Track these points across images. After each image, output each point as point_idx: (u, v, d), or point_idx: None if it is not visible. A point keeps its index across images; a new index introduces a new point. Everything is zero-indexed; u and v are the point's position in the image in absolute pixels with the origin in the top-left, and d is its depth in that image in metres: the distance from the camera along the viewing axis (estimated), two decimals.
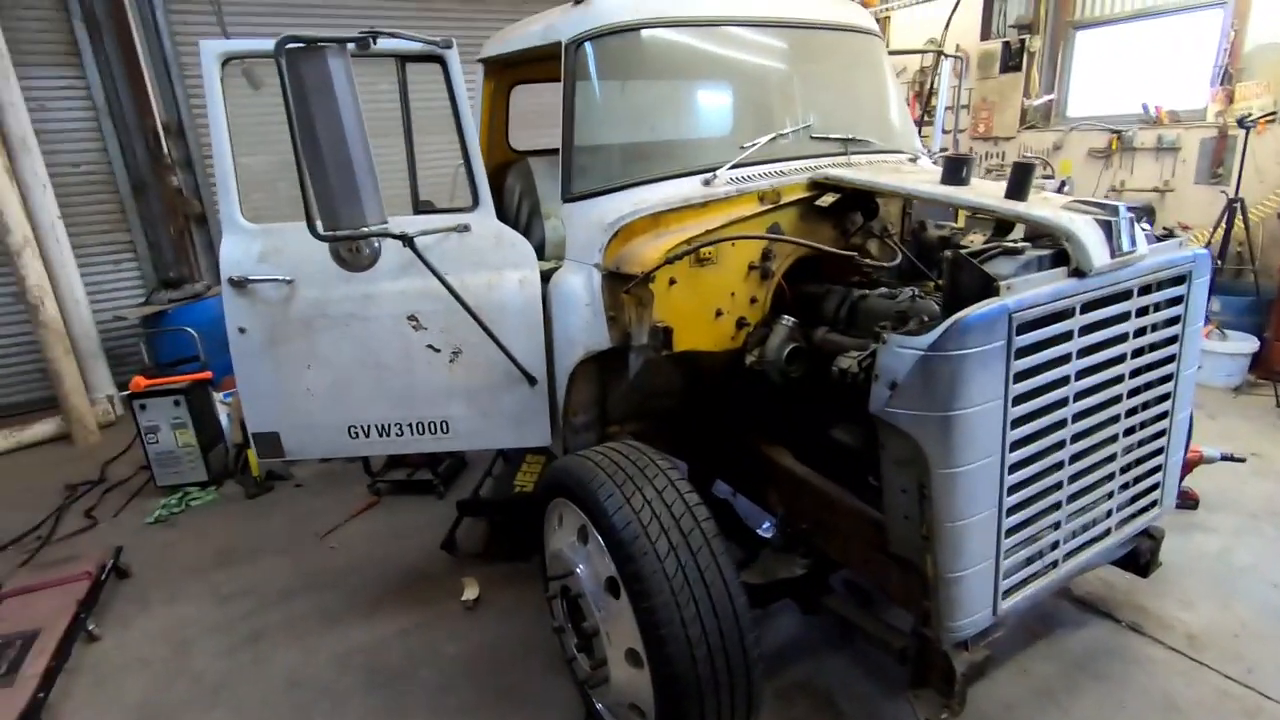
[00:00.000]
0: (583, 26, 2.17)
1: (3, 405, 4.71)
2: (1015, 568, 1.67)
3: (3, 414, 4.64)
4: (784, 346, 1.96)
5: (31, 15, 4.46)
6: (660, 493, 1.63)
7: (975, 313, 1.41)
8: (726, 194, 2.10)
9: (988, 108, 5.89)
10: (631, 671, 1.63)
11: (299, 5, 5.21)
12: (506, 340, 2.14)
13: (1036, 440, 1.60)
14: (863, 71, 2.65)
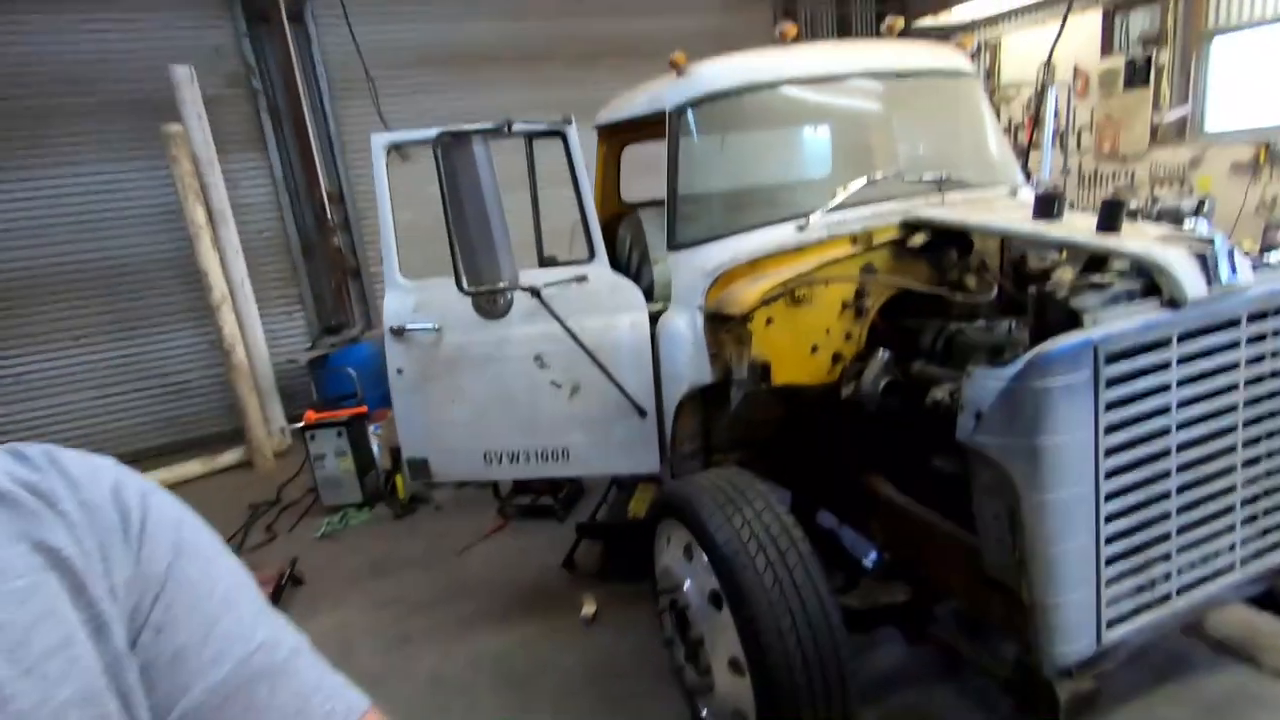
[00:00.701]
0: (683, 96, 2.43)
1: (201, 437, 5.54)
2: (1120, 597, 1.66)
3: (201, 444, 5.45)
4: (879, 379, 2.07)
5: (230, 111, 5.37)
6: (759, 514, 1.78)
7: (1057, 346, 1.48)
8: (819, 238, 2.25)
9: (1112, 126, 5.61)
10: (734, 679, 1.77)
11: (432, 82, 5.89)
12: (620, 376, 2.38)
13: (1136, 469, 1.61)
14: (956, 111, 2.73)
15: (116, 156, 5.19)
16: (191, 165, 4.67)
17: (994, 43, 6.54)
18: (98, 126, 5.12)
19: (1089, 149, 5.87)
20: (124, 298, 5.36)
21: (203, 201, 4.74)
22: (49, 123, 5.00)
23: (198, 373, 5.60)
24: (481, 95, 6.01)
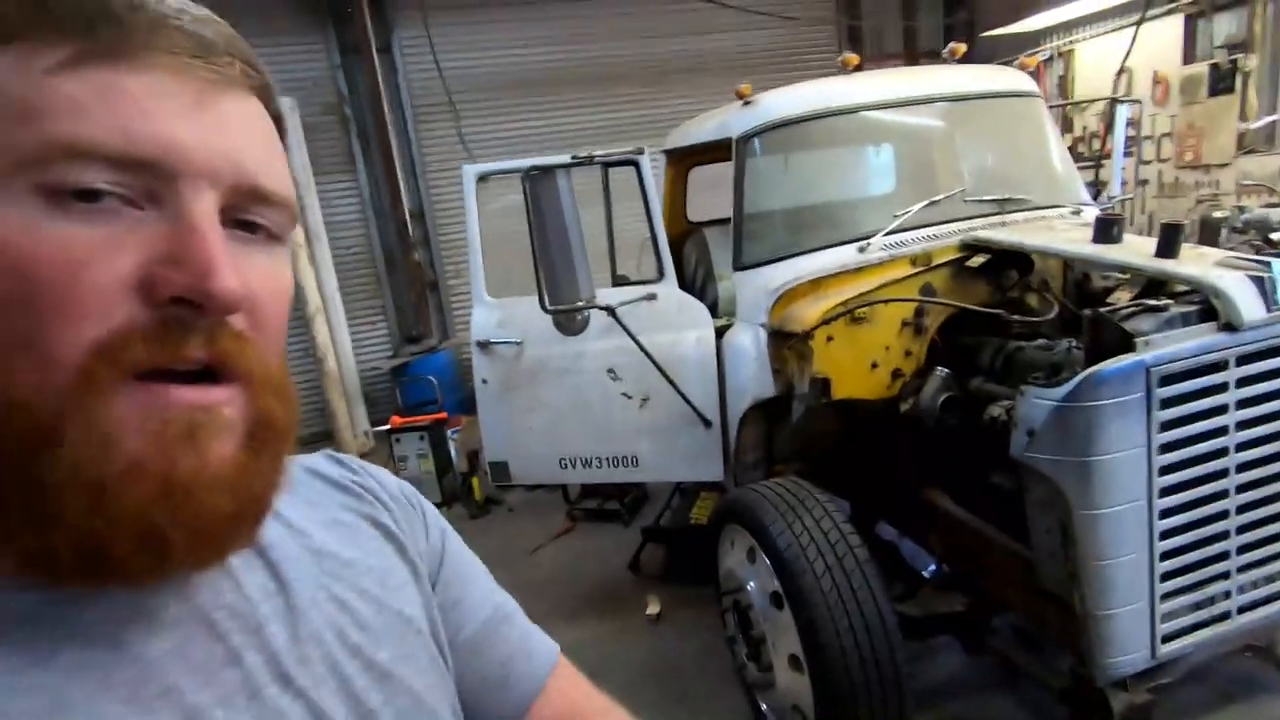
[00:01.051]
0: (750, 124, 2.57)
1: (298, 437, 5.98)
2: (1177, 612, 1.70)
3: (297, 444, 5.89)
4: (938, 395, 2.15)
5: (325, 137, 5.81)
6: (818, 521, 1.90)
7: (1109, 367, 1.55)
8: (879, 259, 2.35)
9: (1195, 134, 5.43)
10: (794, 675, 1.90)
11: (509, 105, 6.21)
12: (686, 389, 2.54)
13: (1193, 488, 1.65)
14: (1018, 131, 2.78)
15: None
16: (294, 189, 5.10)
17: (1067, 51, 6.41)
18: None
19: (1169, 157, 5.69)
20: None
21: (302, 221, 5.16)
22: None
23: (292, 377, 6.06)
24: (555, 116, 6.31)
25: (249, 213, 0.37)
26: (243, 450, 0.36)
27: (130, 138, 0.32)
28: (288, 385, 0.41)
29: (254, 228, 0.38)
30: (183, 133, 0.33)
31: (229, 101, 0.36)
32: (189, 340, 0.34)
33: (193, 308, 0.33)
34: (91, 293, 0.32)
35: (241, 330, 0.36)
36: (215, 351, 0.35)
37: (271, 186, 0.38)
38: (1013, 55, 6.90)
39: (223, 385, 0.36)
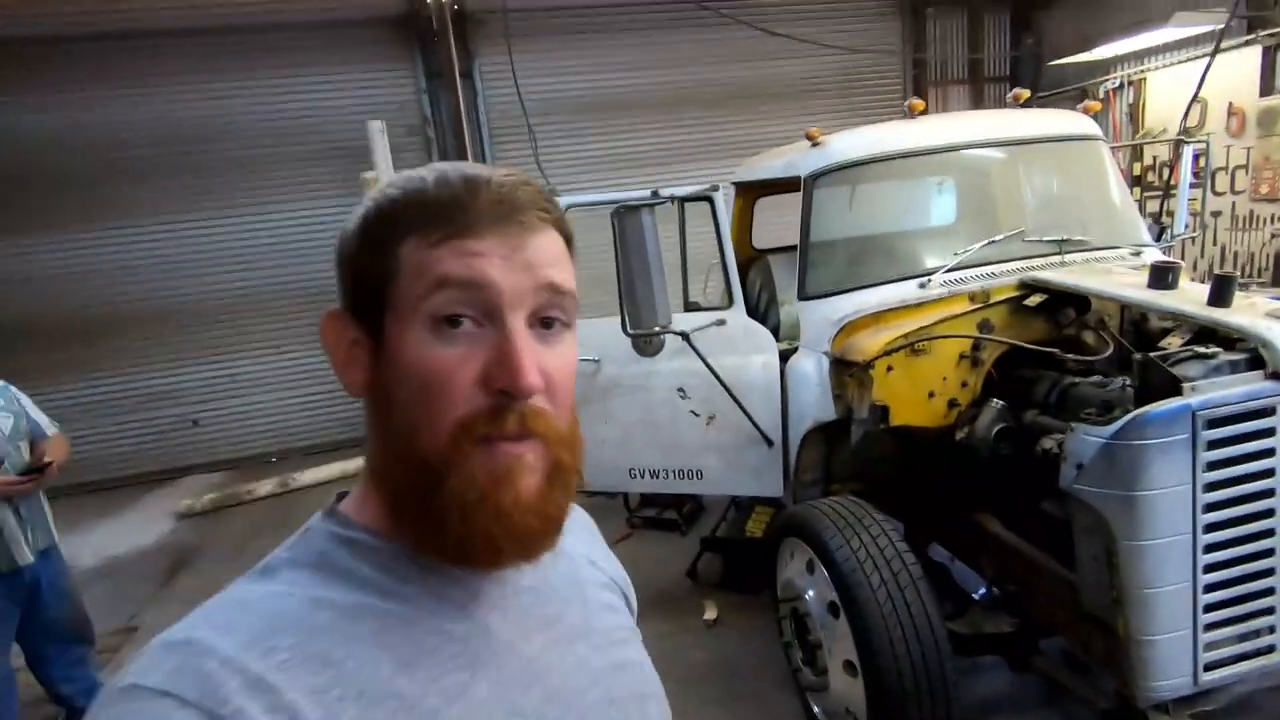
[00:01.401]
0: (820, 164, 2.75)
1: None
2: (1221, 642, 1.80)
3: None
4: (992, 426, 2.28)
5: (409, 157, 6.18)
6: (875, 538, 2.07)
7: (1156, 409, 1.68)
8: (939, 295, 2.50)
9: (1271, 167, 5.33)
10: (848, 680, 2.06)
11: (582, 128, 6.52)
12: (751, 409, 2.72)
13: (1239, 525, 1.76)
14: (1080, 174, 2.88)
15: (317, 196, 6.13)
16: None
17: (1139, 79, 6.36)
18: (305, 171, 6.09)
19: (1244, 190, 5.59)
20: (313, 315, 6.29)
21: None
22: (264, 169, 6.01)
23: None
24: (625, 139, 6.59)
25: (549, 311, 0.54)
26: (543, 483, 0.52)
27: (469, 271, 0.50)
28: (576, 439, 0.56)
29: (552, 322, 0.54)
30: (499, 272, 0.51)
31: (534, 238, 0.53)
32: (509, 416, 0.51)
33: (511, 395, 0.51)
34: (458, 389, 0.50)
35: (541, 407, 0.52)
36: (524, 424, 0.51)
37: (563, 284, 0.54)
38: (1081, 82, 6.88)
39: (529, 441, 0.52)
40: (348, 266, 0.55)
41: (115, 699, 0.44)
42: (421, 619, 0.52)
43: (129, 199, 5.81)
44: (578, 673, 0.58)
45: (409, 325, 0.51)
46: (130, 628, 3.64)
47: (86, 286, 5.83)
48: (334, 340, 0.57)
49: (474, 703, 0.51)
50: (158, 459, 6.11)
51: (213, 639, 0.46)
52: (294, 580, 0.52)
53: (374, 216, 0.54)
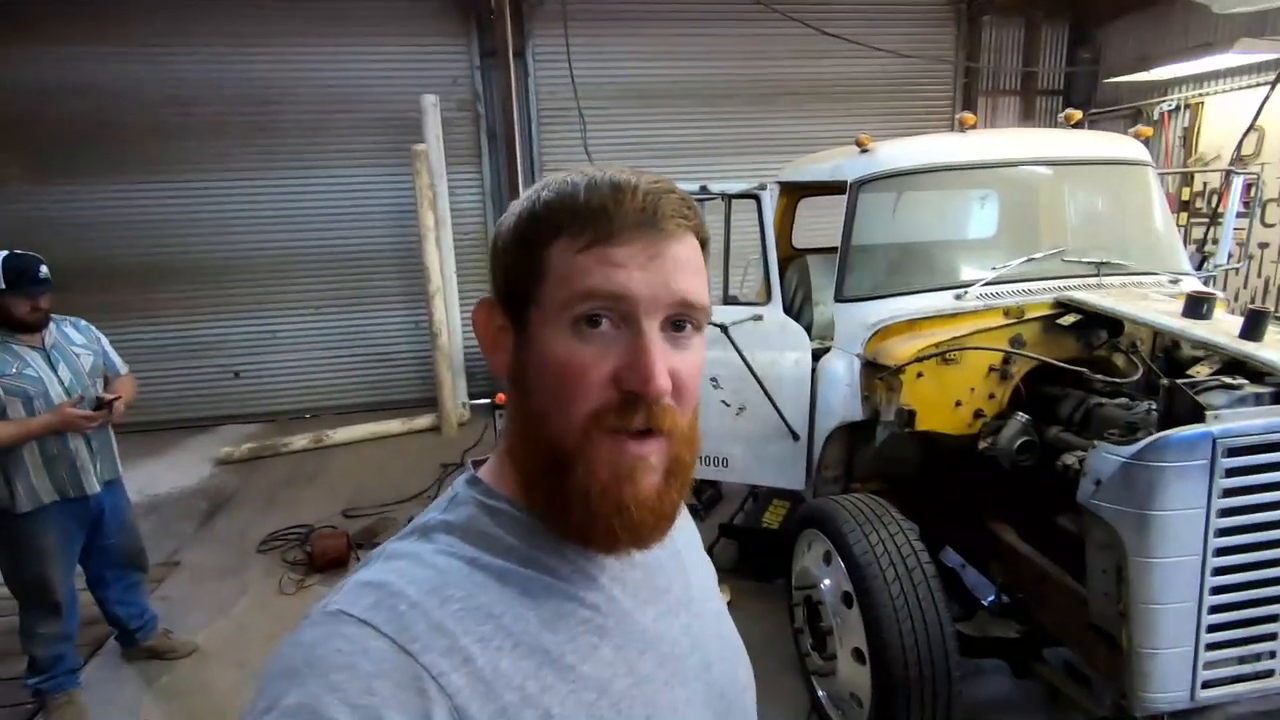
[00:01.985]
0: (867, 171, 2.82)
1: (398, 400, 6.57)
2: (1220, 662, 1.87)
3: (397, 407, 6.47)
4: (1016, 439, 2.35)
5: (458, 131, 6.34)
6: (892, 535, 2.16)
7: (1177, 434, 1.74)
8: (974, 308, 2.56)
9: None
10: (856, 667, 2.16)
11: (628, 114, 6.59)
12: (780, 404, 2.81)
13: (1249, 552, 1.82)
14: (1125, 198, 2.91)
15: (367, 163, 6.29)
16: (429, 178, 5.63)
17: (1196, 102, 6.26)
18: (358, 139, 6.25)
19: None
20: (356, 279, 6.47)
21: (433, 208, 5.69)
22: (318, 134, 6.18)
23: (402, 347, 6.64)
24: (670, 127, 6.66)
25: (682, 316, 0.56)
26: (662, 482, 0.56)
27: (611, 283, 0.53)
28: (696, 437, 0.59)
29: (684, 325, 0.57)
30: (638, 280, 0.54)
31: (673, 246, 0.56)
32: (637, 414, 0.54)
33: (639, 396, 0.54)
34: (592, 384, 0.54)
35: (668, 405, 0.55)
36: (651, 420, 0.54)
37: (694, 300, 0.56)
38: (1136, 102, 6.79)
39: (654, 439, 0.55)
40: (499, 259, 0.60)
41: (324, 620, 0.50)
42: (559, 586, 0.57)
43: (193, 154, 6.02)
44: (682, 640, 0.64)
45: (552, 322, 0.55)
46: (173, 562, 3.85)
47: (146, 235, 6.06)
48: (484, 325, 0.62)
49: (601, 663, 0.56)
50: (199, 407, 6.36)
51: (401, 585, 0.52)
52: (450, 542, 0.57)
53: (527, 217, 0.58)
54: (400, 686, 0.47)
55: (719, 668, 0.67)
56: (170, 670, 2.92)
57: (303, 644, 0.49)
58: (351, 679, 0.46)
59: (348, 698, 0.45)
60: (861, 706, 2.17)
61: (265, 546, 3.97)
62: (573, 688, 0.53)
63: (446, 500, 0.62)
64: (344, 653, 0.47)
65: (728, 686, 0.67)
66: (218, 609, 3.39)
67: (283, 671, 0.48)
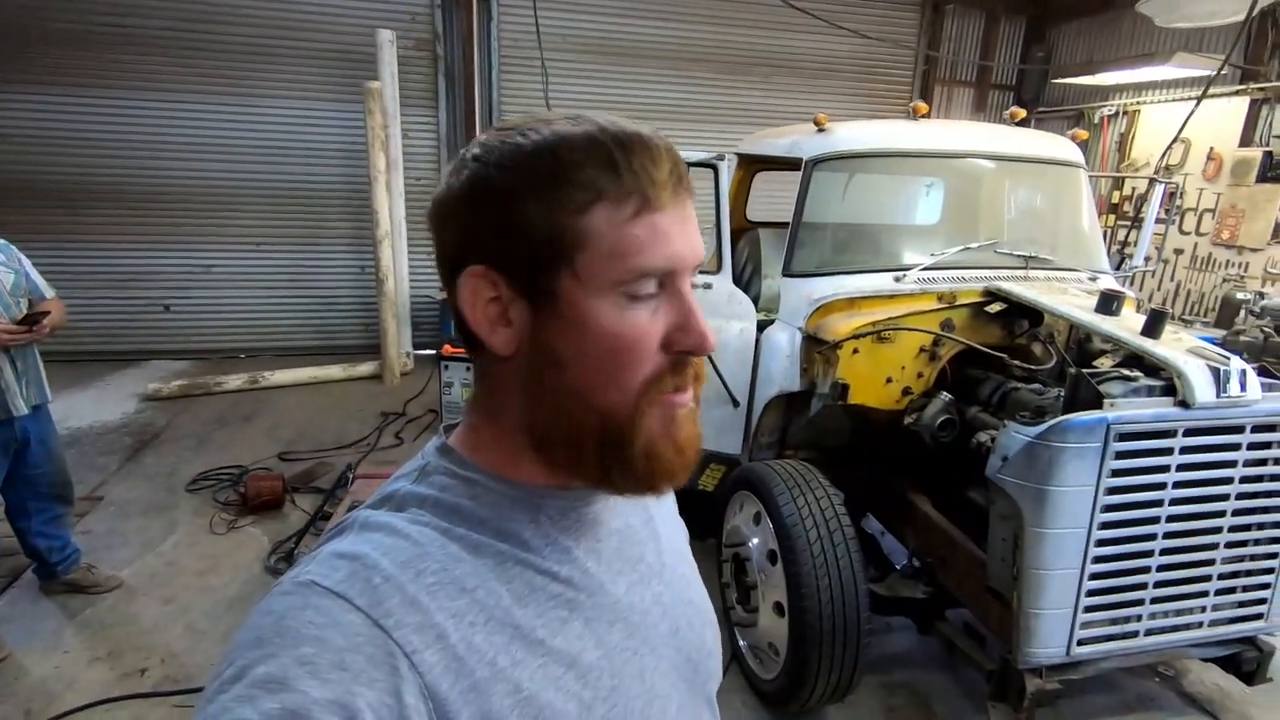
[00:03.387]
0: (822, 150, 2.90)
1: (340, 346, 6.44)
2: (1094, 623, 2.09)
3: (339, 352, 6.34)
4: (938, 416, 2.52)
5: (414, 71, 6.12)
6: (818, 500, 2.30)
7: (1077, 418, 1.91)
8: (911, 290, 2.70)
9: (1236, 215, 5.65)
10: (775, 619, 2.31)
11: (593, 70, 6.49)
12: (723, 371, 2.91)
13: (1127, 527, 2.02)
14: (1058, 196, 3.09)
15: (316, 97, 6.03)
16: (381, 118, 5.44)
17: (1134, 109, 6.58)
18: (307, 70, 5.96)
19: (1208, 233, 5.92)
20: (300, 218, 6.25)
21: (385, 150, 5.52)
22: (265, 60, 5.87)
23: (347, 291, 6.48)
24: (636, 88, 6.59)
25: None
26: (693, 424, 0.58)
27: (665, 258, 0.53)
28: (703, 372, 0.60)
29: None
30: (681, 245, 0.54)
31: (688, 207, 0.56)
32: (686, 372, 0.56)
33: (691, 355, 0.55)
34: (644, 352, 0.54)
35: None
36: (692, 377, 0.57)
37: (703, 255, 0.58)
38: (1080, 104, 7.07)
39: (689, 391, 0.57)
40: (493, 221, 0.53)
41: (296, 590, 0.49)
42: (531, 559, 0.57)
43: (128, 68, 5.64)
44: (653, 608, 0.64)
45: (599, 294, 0.53)
46: (96, 497, 3.74)
47: (73, 153, 5.68)
48: (478, 298, 0.54)
49: (571, 636, 0.56)
50: (127, 339, 6.09)
51: (376, 557, 0.51)
52: (423, 514, 0.56)
53: (547, 175, 0.52)
54: (372, 662, 0.46)
55: (686, 633, 0.67)
56: (93, 604, 2.87)
57: (273, 613, 0.48)
58: (323, 652, 0.45)
59: (318, 671, 0.44)
60: (778, 656, 2.33)
61: (195, 485, 3.90)
62: (542, 662, 0.54)
63: (417, 470, 0.60)
64: (316, 624, 0.46)
65: (695, 651, 0.68)
66: (144, 545, 3.32)
67: (252, 641, 0.46)
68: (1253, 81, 5.54)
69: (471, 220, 0.54)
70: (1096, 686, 2.53)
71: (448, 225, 0.56)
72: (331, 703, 0.43)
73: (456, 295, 0.55)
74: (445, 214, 0.56)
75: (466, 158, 0.56)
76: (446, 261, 0.56)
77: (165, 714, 2.36)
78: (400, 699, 0.46)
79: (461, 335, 0.57)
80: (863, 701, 2.50)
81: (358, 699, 0.44)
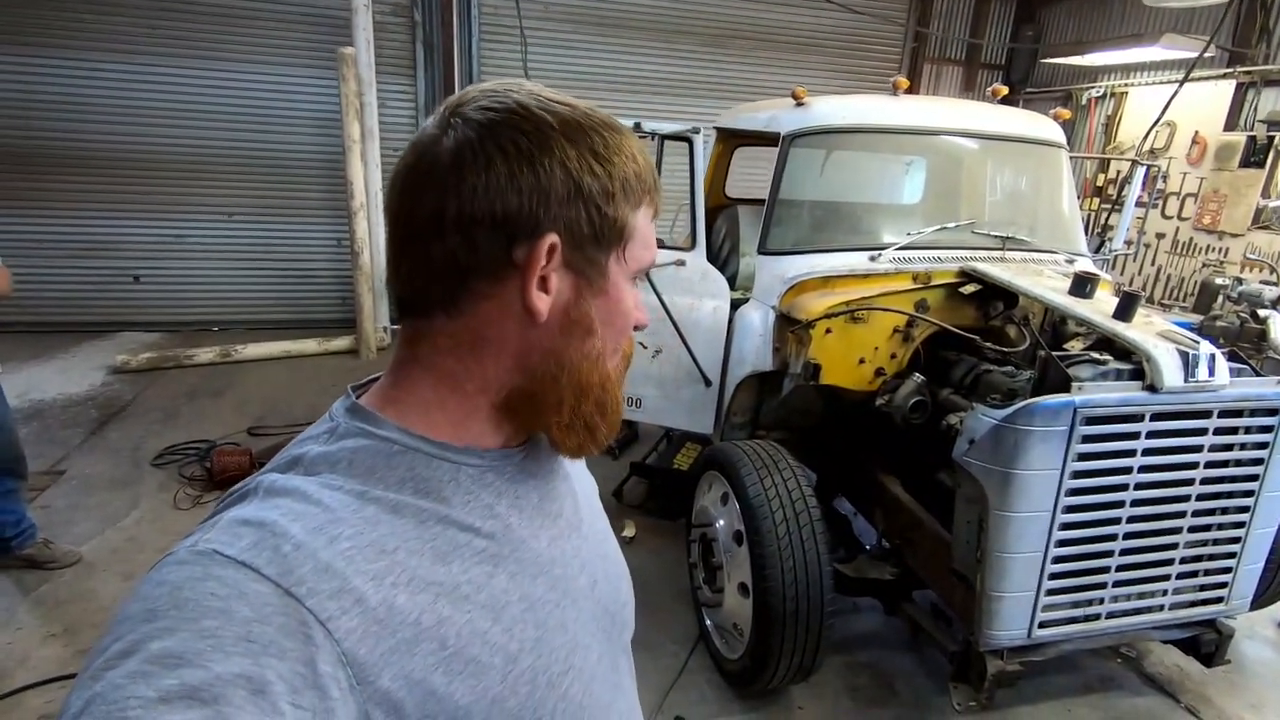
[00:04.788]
0: (799, 125, 2.83)
1: (315, 320, 6.33)
2: (1056, 606, 2.09)
3: (313, 326, 6.23)
4: (910, 398, 2.49)
5: (390, 38, 5.95)
6: (785, 481, 2.27)
7: (1044, 401, 1.89)
8: (886, 270, 2.66)
9: (1217, 200, 5.65)
10: (740, 600, 2.30)
11: (575, 40, 6.34)
12: (696, 350, 2.87)
13: (1091, 511, 2.01)
14: (1038, 176, 3.04)
15: (288, 62, 5.85)
16: (356, 85, 5.29)
17: (1121, 92, 6.53)
18: (279, 34, 5.78)
19: (1189, 217, 5.92)
20: (274, 188, 6.10)
21: (360, 119, 5.37)
22: (233, 22, 5.68)
23: (322, 264, 6.36)
24: (618, 60, 6.45)
25: None
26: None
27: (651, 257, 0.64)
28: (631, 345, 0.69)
29: None
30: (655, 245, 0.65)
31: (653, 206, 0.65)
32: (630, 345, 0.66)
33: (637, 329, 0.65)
34: (631, 323, 0.63)
35: None
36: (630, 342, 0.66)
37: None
38: (1068, 85, 7.01)
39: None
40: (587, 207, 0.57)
41: (195, 559, 0.47)
42: (453, 516, 0.57)
43: (91, 27, 5.44)
44: (572, 561, 0.66)
45: (626, 275, 0.62)
46: (58, 471, 3.66)
47: (34, 116, 5.49)
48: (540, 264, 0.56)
49: (495, 590, 0.57)
50: (94, 310, 5.94)
51: (285, 524, 0.49)
52: (334, 477, 0.54)
53: (631, 178, 0.60)
54: (283, 632, 0.44)
55: (603, 586, 0.69)
56: (49, 580, 2.82)
57: (167, 583, 0.45)
58: (227, 625, 0.43)
59: (222, 644, 0.42)
60: (742, 636, 2.32)
61: (161, 460, 3.82)
62: (469, 617, 0.54)
63: (325, 431, 0.59)
64: (218, 596, 0.44)
65: (610, 602, 0.70)
66: (106, 520, 3.26)
67: (143, 614, 0.43)
68: (1239, 65, 5.50)
69: (540, 186, 0.55)
70: (1058, 667, 2.55)
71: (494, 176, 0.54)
72: (238, 676, 0.41)
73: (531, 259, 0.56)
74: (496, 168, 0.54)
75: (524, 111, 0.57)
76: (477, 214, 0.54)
77: None
78: (314, 668, 0.44)
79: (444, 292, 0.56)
80: (827, 681, 2.51)
81: (267, 670, 0.42)
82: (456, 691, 0.51)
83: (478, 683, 0.53)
